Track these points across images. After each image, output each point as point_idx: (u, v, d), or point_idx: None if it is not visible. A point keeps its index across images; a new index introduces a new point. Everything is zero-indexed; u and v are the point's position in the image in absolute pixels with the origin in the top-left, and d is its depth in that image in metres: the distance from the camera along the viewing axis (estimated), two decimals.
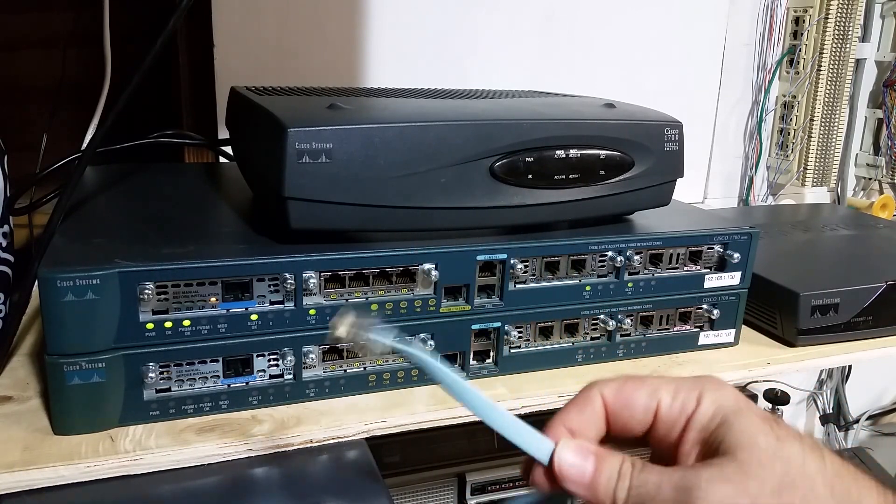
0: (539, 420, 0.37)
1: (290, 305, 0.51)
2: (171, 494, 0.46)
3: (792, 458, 0.32)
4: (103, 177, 0.71)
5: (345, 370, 0.54)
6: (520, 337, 0.58)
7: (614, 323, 0.61)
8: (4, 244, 0.55)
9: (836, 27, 1.13)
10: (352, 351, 0.38)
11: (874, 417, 1.45)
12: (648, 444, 0.37)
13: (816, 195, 1.24)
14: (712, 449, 0.33)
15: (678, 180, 0.63)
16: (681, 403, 0.35)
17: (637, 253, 0.60)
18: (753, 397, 1.05)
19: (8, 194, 0.55)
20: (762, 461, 0.31)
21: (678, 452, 0.35)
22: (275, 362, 0.52)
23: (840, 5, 1.12)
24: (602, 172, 0.58)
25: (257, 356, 0.51)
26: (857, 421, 1.41)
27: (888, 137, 1.24)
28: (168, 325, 0.48)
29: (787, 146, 1.19)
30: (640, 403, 0.36)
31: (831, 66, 1.15)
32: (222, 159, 0.86)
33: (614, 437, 0.37)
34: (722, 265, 0.64)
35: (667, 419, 0.35)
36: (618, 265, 0.59)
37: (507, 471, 0.89)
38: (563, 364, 0.61)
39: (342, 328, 0.36)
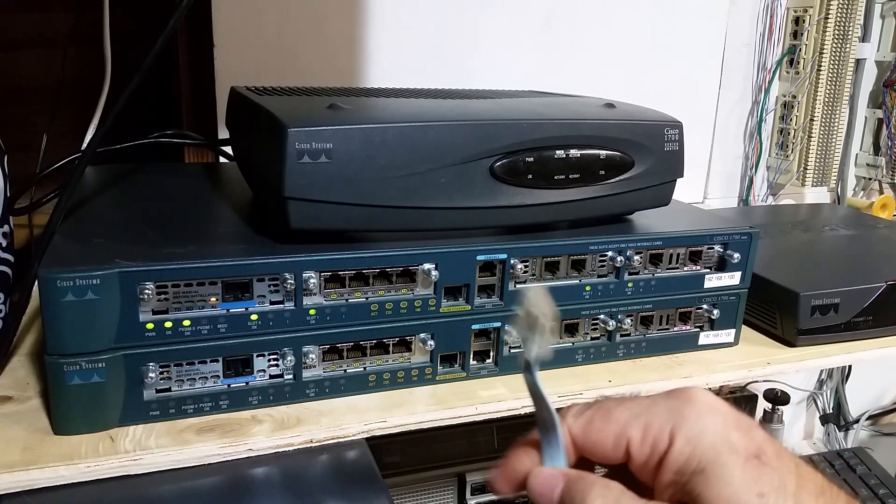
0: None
1: (290, 305, 0.51)
2: (171, 494, 0.46)
3: None
4: (103, 177, 0.71)
5: (345, 370, 0.54)
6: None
7: (614, 323, 0.61)
8: (4, 244, 0.55)
9: (836, 27, 1.13)
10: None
11: (874, 417, 1.45)
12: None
13: (816, 195, 1.24)
14: (689, 498, 0.31)
15: (678, 180, 0.63)
16: (652, 442, 0.32)
17: (637, 253, 0.60)
18: (753, 397, 1.05)
19: (8, 194, 0.55)
20: None
21: (654, 483, 0.33)
22: (275, 362, 0.52)
23: (840, 5, 1.12)
24: (602, 172, 0.58)
25: (257, 356, 0.51)
26: (857, 421, 1.41)
27: (888, 137, 1.24)
28: (168, 325, 0.48)
29: (787, 146, 1.19)
30: (609, 444, 0.33)
31: (831, 66, 1.15)
32: (222, 159, 0.86)
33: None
34: (722, 265, 0.64)
35: (638, 457, 0.33)
36: (618, 265, 0.59)
37: None
38: (562, 364, 0.61)
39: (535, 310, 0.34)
